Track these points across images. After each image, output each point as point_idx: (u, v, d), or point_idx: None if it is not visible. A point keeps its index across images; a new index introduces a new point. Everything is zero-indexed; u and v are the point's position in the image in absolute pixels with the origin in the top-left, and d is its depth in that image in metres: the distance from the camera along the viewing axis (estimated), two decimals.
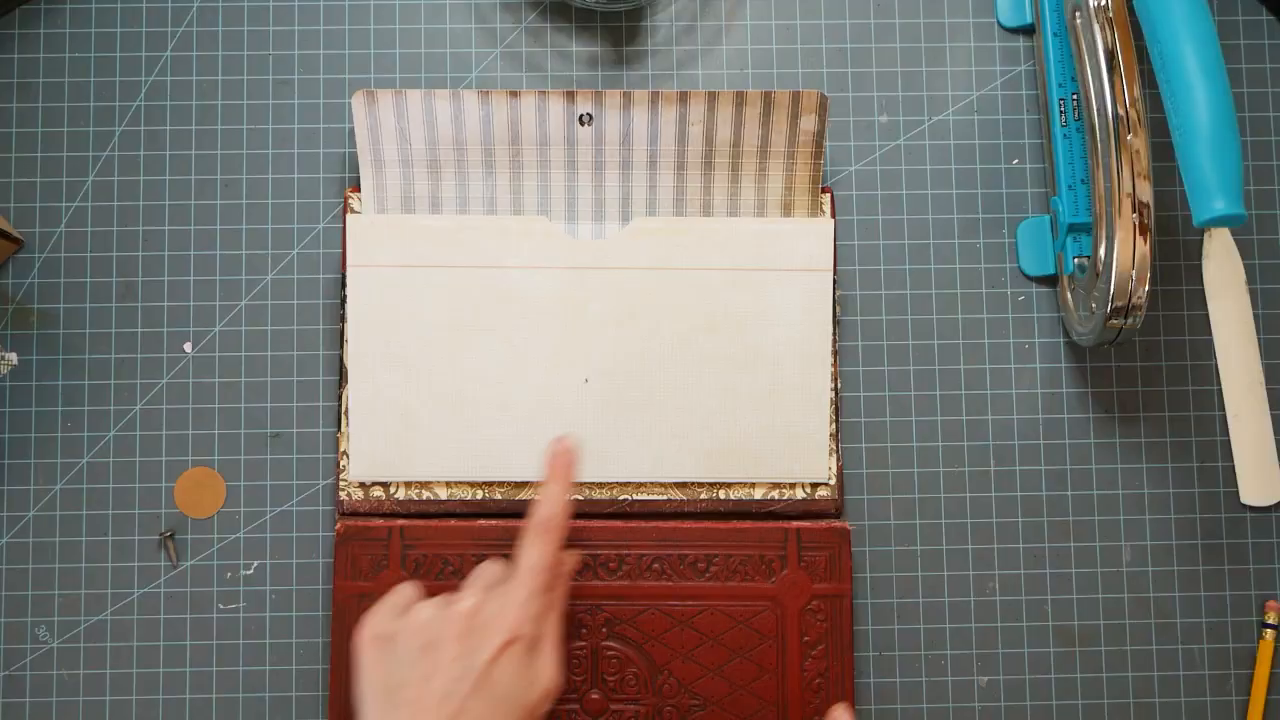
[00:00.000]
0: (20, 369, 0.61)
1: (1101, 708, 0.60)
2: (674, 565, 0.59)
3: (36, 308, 0.61)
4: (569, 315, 0.59)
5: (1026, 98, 0.63)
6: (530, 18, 0.64)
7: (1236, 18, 0.64)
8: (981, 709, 0.60)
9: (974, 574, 0.61)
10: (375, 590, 0.58)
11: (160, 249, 0.62)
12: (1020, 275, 0.63)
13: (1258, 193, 0.63)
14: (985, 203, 0.63)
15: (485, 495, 0.60)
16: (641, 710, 0.58)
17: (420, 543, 0.58)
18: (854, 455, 0.61)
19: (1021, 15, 0.63)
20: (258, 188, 0.62)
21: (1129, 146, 0.53)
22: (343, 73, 0.63)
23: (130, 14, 0.63)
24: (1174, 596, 0.61)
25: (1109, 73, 0.54)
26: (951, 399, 0.62)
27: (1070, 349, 0.62)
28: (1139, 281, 0.54)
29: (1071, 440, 0.62)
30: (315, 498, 0.61)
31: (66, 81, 0.63)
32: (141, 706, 0.59)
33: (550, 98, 0.58)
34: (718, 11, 0.64)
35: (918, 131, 0.63)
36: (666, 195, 0.61)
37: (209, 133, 0.63)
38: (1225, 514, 0.62)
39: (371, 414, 0.59)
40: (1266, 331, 0.62)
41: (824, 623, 0.58)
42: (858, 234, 0.63)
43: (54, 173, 0.62)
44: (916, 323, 0.62)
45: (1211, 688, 0.61)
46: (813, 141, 0.59)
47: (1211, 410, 0.62)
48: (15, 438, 0.61)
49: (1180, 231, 0.63)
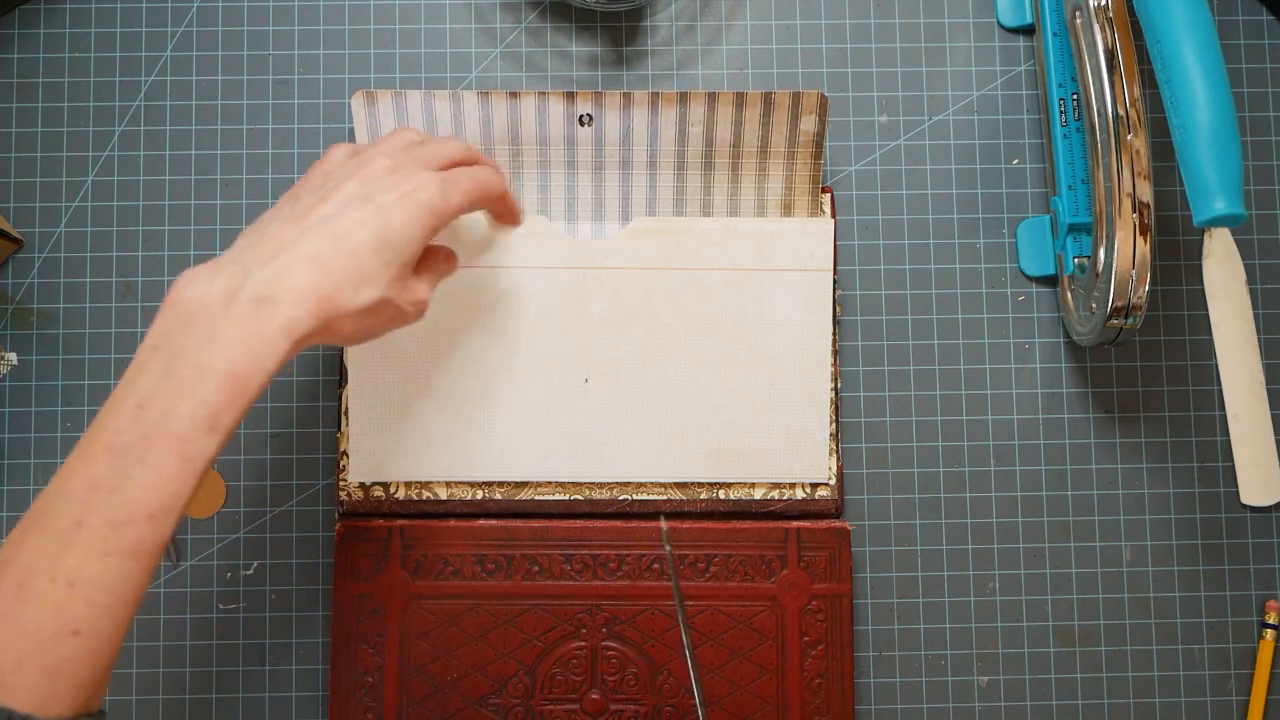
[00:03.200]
0: (20, 369, 0.61)
1: (1101, 708, 0.60)
2: (674, 565, 0.59)
3: (36, 308, 0.61)
4: (569, 315, 0.59)
5: (1026, 98, 0.63)
6: (530, 18, 0.64)
7: (1236, 18, 0.64)
8: (981, 709, 0.60)
9: (974, 574, 0.61)
10: (375, 590, 0.58)
11: (160, 249, 0.62)
12: (1020, 275, 0.63)
13: (1258, 193, 0.63)
14: (985, 203, 0.63)
15: (485, 495, 0.60)
16: (641, 710, 0.58)
17: (420, 543, 0.58)
18: (854, 455, 0.61)
19: (1021, 15, 0.63)
20: (258, 188, 0.62)
21: (1129, 146, 0.53)
22: (343, 73, 0.63)
23: (130, 14, 0.63)
24: (1174, 596, 0.61)
25: (1109, 73, 0.54)
26: (951, 399, 0.62)
27: (1070, 349, 0.62)
28: (1139, 281, 0.54)
29: (1071, 440, 0.62)
30: (315, 498, 0.61)
31: (66, 81, 0.63)
32: (141, 707, 0.59)
33: (550, 98, 0.58)
34: (718, 11, 0.64)
35: (918, 131, 0.63)
36: (666, 195, 0.61)
37: (209, 133, 0.63)
38: (1225, 514, 0.62)
39: (371, 414, 0.59)
40: (1266, 331, 0.62)
41: (824, 623, 0.58)
42: (858, 234, 0.63)
43: (54, 173, 0.62)
44: (916, 323, 0.62)
45: (1211, 688, 0.61)
46: (813, 141, 0.59)
47: (1211, 410, 0.62)
48: (15, 438, 0.61)
49: (1180, 231, 0.63)
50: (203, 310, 0.42)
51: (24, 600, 0.38)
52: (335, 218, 0.45)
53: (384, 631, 0.58)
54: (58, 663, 0.38)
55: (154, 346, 0.42)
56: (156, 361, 0.41)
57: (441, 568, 0.58)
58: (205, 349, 0.41)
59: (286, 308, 0.42)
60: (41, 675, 0.38)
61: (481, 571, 0.58)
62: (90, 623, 0.39)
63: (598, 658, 0.58)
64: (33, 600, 0.38)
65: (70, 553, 0.39)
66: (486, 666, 0.58)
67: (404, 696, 0.58)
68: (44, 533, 0.39)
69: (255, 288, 0.42)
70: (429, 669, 0.58)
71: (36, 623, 0.38)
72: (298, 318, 0.43)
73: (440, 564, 0.58)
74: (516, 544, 0.59)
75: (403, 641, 0.58)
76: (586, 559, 0.59)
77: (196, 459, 0.41)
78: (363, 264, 0.44)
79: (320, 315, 0.43)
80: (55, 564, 0.39)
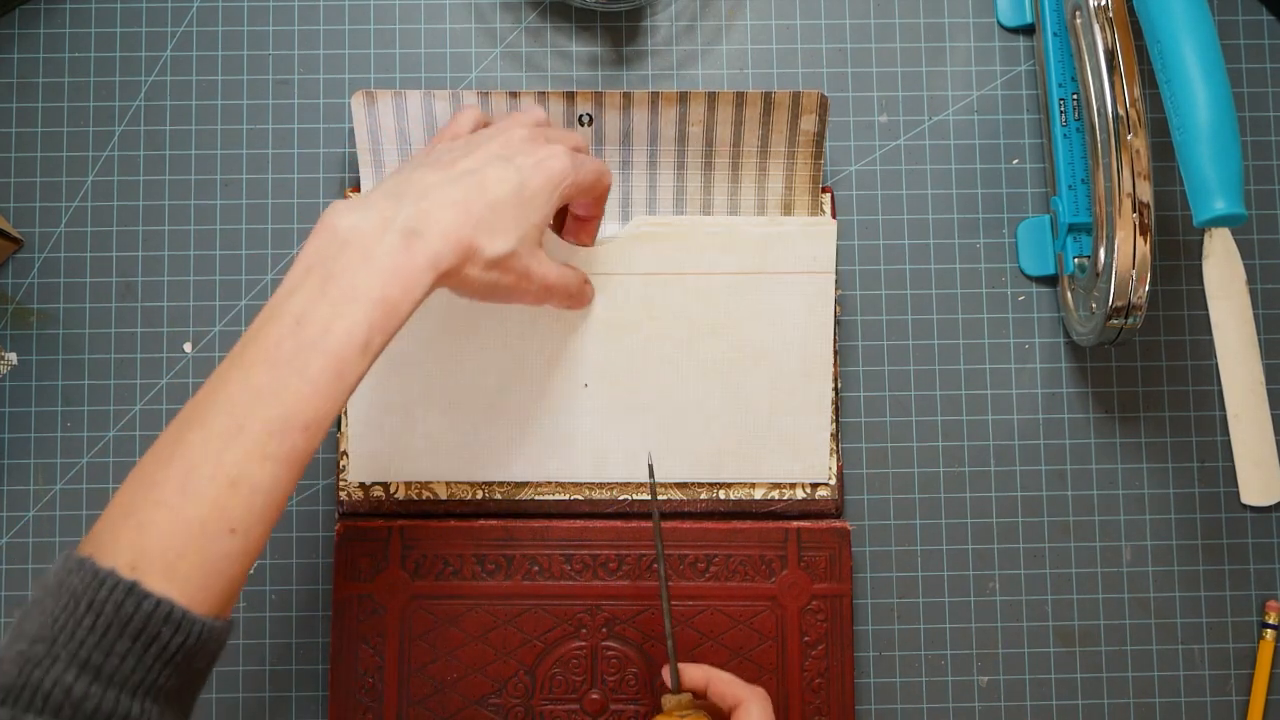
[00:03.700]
0: (20, 369, 0.61)
1: (1101, 708, 0.60)
2: (674, 565, 0.59)
3: (36, 308, 0.61)
4: (569, 317, 0.59)
5: (1026, 98, 0.63)
6: (530, 18, 0.64)
7: (1236, 18, 0.64)
8: (981, 709, 0.60)
9: (974, 574, 0.61)
10: (375, 590, 0.58)
11: (160, 249, 0.62)
12: (1020, 275, 0.63)
13: (1258, 193, 0.63)
14: (985, 203, 0.63)
15: (485, 495, 0.60)
16: (641, 710, 0.58)
17: (420, 543, 0.58)
18: (854, 455, 0.61)
19: (1021, 15, 0.63)
20: (258, 188, 0.62)
21: (1129, 146, 0.53)
22: (343, 73, 0.63)
23: (130, 14, 0.63)
24: (1174, 596, 0.61)
25: (1109, 73, 0.54)
26: (951, 399, 0.62)
27: (1070, 349, 0.62)
28: (1139, 281, 0.54)
29: (1071, 440, 0.62)
30: (315, 498, 0.61)
31: (66, 81, 0.63)
32: None
33: (550, 98, 0.58)
34: (718, 11, 0.64)
35: (918, 131, 0.63)
36: (666, 195, 0.61)
37: (209, 133, 0.63)
38: (1225, 514, 0.62)
39: (371, 414, 0.59)
40: (1266, 331, 0.62)
41: (824, 623, 0.58)
42: (858, 234, 0.63)
43: (54, 173, 0.62)
44: (916, 323, 0.62)
45: (1211, 688, 0.61)
46: (813, 141, 0.59)
47: (1211, 410, 0.62)
48: (15, 438, 0.61)
49: (1180, 231, 0.63)
50: (357, 238, 0.44)
51: (187, 494, 0.40)
52: (478, 171, 0.48)
53: (384, 631, 0.58)
54: (215, 559, 0.40)
55: (308, 268, 0.44)
56: (312, 282, 0.43)
57: (441, 568, 0.58)
58: (359, 273, 0.44)
59: (434, 242, 0.45)
60: (200, 569, 0.40)
61: (481, 571, 0.58)
62: (246, 523, 0.41)
63: (598, 658, 0.58)
64: (195, 496, 0.40)
65: (231, 453, 0.40)
66: (486, 666, 0.58)
67: (404, 696, 0.58)
68: (206, 430, 0.41)
69: (406, 221, 0.45)
70: (429, 669, 0.58)
71: (199, 517, 0.40)
72: (442, 253, 0.45)
73: (440, 564, 0.58)
74: (516, 544, 0.59)
75: (403, 641, 0.58)
76: (586, 559, 0.59)
77: (349, 377, 0.43)
78: (500, 216, 0.47)
79: (460, 255, 0.46)
80: (218, 463, 0.40)
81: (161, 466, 0.41)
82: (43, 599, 0.38)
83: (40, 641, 0.37)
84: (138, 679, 0.38)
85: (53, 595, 0.38)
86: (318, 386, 0.42)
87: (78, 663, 0.37)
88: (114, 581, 0.38)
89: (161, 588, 0.39)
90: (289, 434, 0.41)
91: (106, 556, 0.39)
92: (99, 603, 0.38)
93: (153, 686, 0.38)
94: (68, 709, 0.37)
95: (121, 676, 0.38)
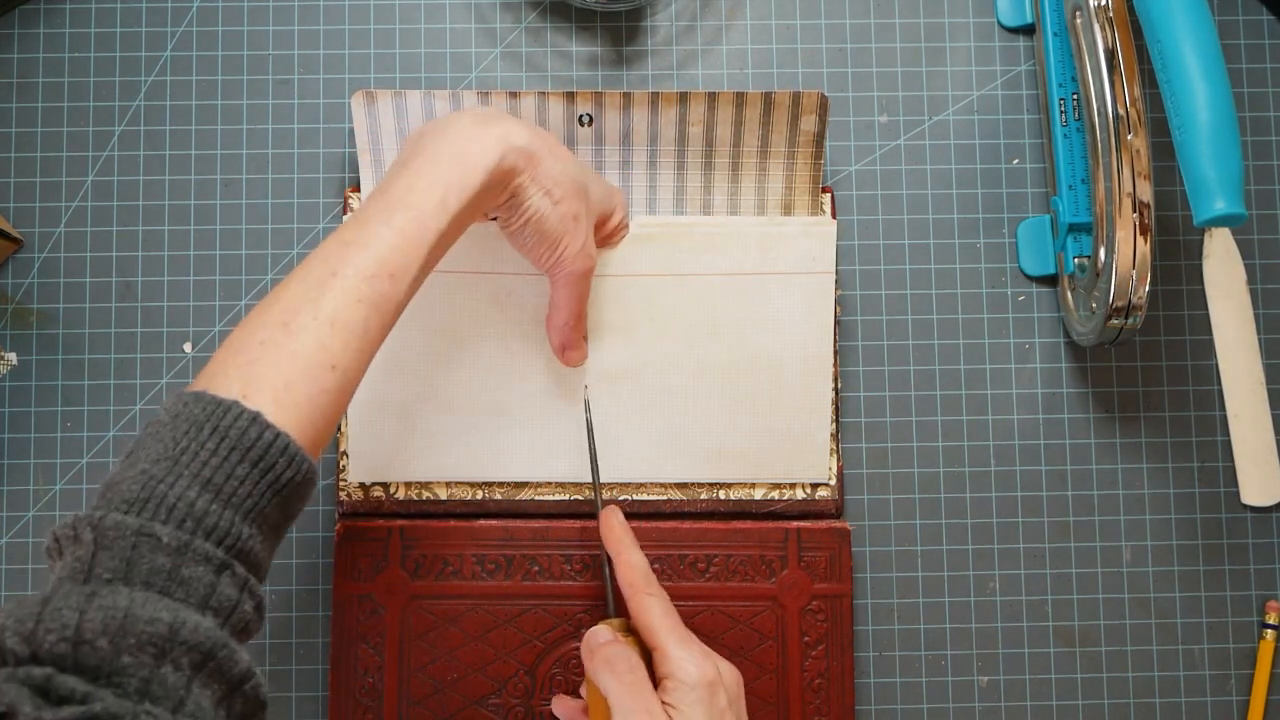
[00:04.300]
0: (20, 369, 0.61)
1: (1101, 708, 0.60)
2: (674, 565, 0.59)
3: (36, 308, 0.61)
4: None
5: (1026, 98, 0.63)
6: (530, 18, 0.64)
7: (1236, 18, 0.64)
8: (981, 709, 0.60)
9: (974, 574, 0.61)
10: (375, 590, 0.58)
11: (160, 249, 0.62)
12: (1020, 275, 0.63)
13: (1258, 193, 0.63)
14: (985, 203, 0.63)
15: (485, 495, 0.60)
16: None
17: (420, 543, 0.58)
18: (854, 455, 0.61)
19: (1021, 15, 0.63)
20: (258, 188, 0.62)
21: (1129, 146, 0.53)
22: (343, 73, 0.63)
23: (130, 14, 0.63)
24: (1174, 596, 0.61)
25: (1109, 73, 0.54)
26: (951, 399, 0.62)
27: (1070, 349, 0.62)
28: (1139, 281, 0.54)
29: (1071, 440, 0.62)
30: (315, 498, 0.61)
31: (66, 81, 0.63)
32: None
33: (550, 98, 0.58)
34: (718, 11, 0.64)
35: (918, 131, 0.63)
36: (666, 195, 0.61)
37: (209, 133, 0.63)
38: (1225, 514, 0.62)
39: (371, 414, 0.59)
40: (1266, 331, 0.62)
41: (824, 623, 0.58)
42: (858, 234, 0.63)
43: (54, 173, 0.62)
44: (916, 323, 0.62)
45: (1211, 688, 0.61)
46: (813, 141, 0.59)
47: (1211, 410, 0.62)
48: (15, 438, 0.61)
49: (1180, 231, 0.63)
50: (438, 122, 0.51)
51: (291, 332, 0.43)
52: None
53: (384, 631, 0.58)
54: (317, 392, 0.43)
55: (402, 162, 0.49)
56: (398, 166, 0.49)
57: (441, 568, 0.58)
58: (438, 142, 0.49)
59: (506, 125, 0.50)
60: (304, 401, 0.42)
61: (481, 571, 0.58)
62: (344, 360, 0.43)
63: None
64: (299, 333, 0.43)
65: (328, 296, 0.44)
66: (486, 666, 0.58)
67: (404, 696, 0.58)
68: (304, 281, 0.44)
69: (481, 115, 0.50)
70: (429, 669, 0.58)
71: (304, 352, 0.43)
72: (510, 134, 0.50)
73: (440, 564, 0.58)
74: (516, 544, 0.59)
75: (403, 641, 0.58)
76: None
77: (430, 229, 0.46)
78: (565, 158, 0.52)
79: (525, 152, 0.50)
80: (317, 305, 0.43)
81: (265, 312, 0.44)
82: (158, 431, 0.40)
83: (162, 461, 0.39)
84: (250, 504, 0.40)
85: (169, 426, 0.40)
86: (403, 235, 0.46)
87: (200, 481, 0.39)
88: (239, 410, 0.40)
89: (273, 418, 0.41)
90: (378, 279, 0.44)
91: (220, 391, 0.41)
92: (223, 428, 0.40)
93: (261, 515, 0.41)
94: (190, 522, 0.38)
95: (239, 499, 0.40)
